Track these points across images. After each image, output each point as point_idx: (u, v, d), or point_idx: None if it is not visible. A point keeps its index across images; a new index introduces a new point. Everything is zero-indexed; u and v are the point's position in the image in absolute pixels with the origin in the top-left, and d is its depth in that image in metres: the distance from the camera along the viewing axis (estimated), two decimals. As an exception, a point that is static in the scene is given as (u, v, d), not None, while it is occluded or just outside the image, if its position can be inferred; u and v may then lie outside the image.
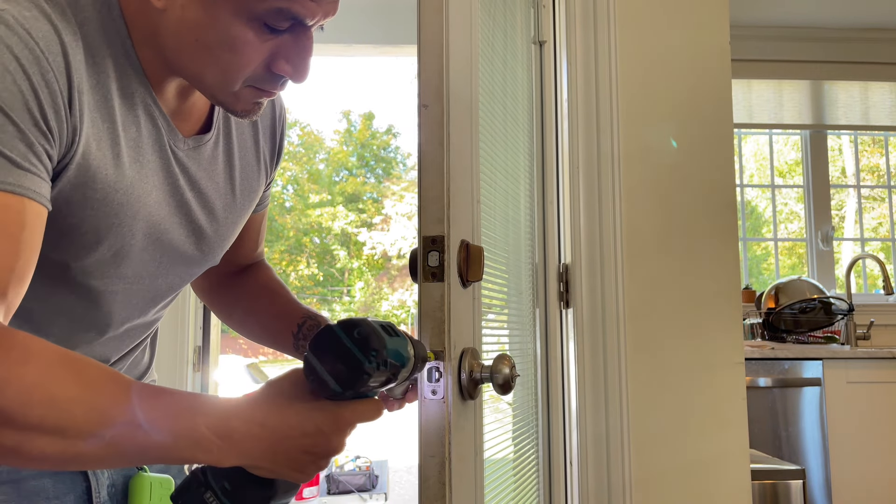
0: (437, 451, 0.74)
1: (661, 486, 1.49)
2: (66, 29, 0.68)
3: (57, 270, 0.75)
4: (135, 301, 0.85)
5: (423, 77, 0.79)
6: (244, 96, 0.76)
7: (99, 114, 0.71)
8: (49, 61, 0.65)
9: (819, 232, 3.80)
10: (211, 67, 0.74)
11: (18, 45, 0.63)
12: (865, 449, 2.75)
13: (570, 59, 1.60)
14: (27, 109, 0.63)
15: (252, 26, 0.71)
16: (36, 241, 0.65)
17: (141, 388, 0.62)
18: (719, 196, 1.57)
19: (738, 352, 1.53)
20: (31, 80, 0.64)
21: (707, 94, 1.59)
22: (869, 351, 2.89)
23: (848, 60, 3.59)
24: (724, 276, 1.55)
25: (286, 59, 0.74)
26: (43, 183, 0.65)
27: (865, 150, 4.64)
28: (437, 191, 0.78)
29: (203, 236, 0.87)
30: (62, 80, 0.67)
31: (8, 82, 0.62)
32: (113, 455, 0.60)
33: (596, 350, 1.52)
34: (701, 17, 1.61)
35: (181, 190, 0.82)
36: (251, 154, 0.93)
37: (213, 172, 0.86)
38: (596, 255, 1.54)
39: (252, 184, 0.93)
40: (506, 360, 0.83)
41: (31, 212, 0.63)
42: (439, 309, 0.76)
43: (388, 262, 21.99)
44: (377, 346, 0.62)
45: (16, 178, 0.62)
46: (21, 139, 0.63)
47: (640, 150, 1.57)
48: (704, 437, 1.50)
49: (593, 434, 1.50)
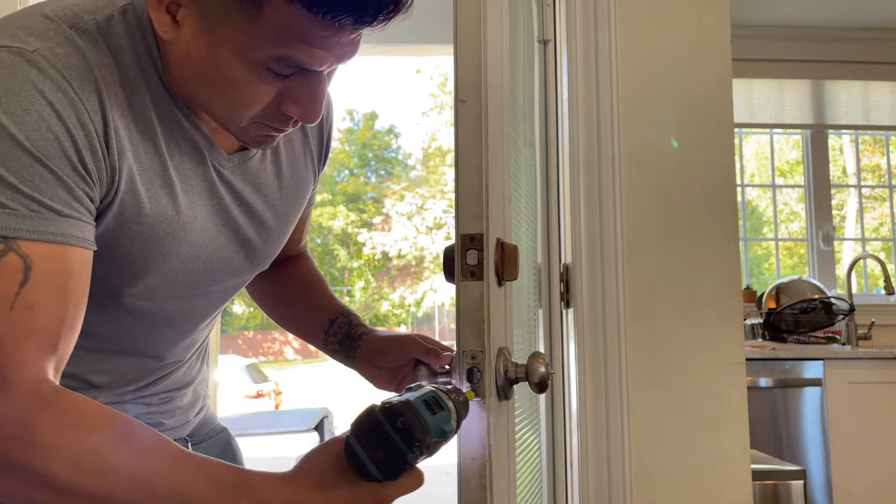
0: (478, 454, 0.72)
1: (661, 486, 1.49)
2: (99, 62, 0.67)
3: (110, 297, 0.75)
4: (187, 318, 0.86)
5: (461, 72, 0.77)
6: (253, 130, 0.74)
7: (139, 146, 0.70)
8: (83, 102, 0.64)
9: (820, 232, 3.79)
10: (217, 102, 0.72)
11: (52, 90, 0.62)
12: (866, 449, 2.75)
13: (571, 58, 1.60)
14: (65, 156, 0.62)
15: (255, 70, 0.68)
16: (83, 286, 0.65)
17: (188, 460, 0.61)
18: (720, 196, 1.56)
19: (738, 352, 1.52)
20: (66, 124, 0.63)
21: (708, 93, 1.59)
22: (870, 351, 2.89)
23: (849, 60, 3.59)
24: (725, 276, 1.54)
25: (294, 101, 0.71)
26: (86, 226, 0.65)
27: (866, 150, 4.64)
28: (475, 188, 0.75)
29: (253, 249, 0.87)
30: (97, 120, 0.65)
31: (44, 130, 0.61)
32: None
33: (596, 350, 1.52)
34: (702, 17, 1.60)
35: (227, 208, 0.81)
36: (300, 159, 0.91)
37: (260, 186, 0.85)
38: (596, 255, 1.54)
39: (301, 189, 0.92)
40: (541, 359, 0.81)
41: (75, 258, 0.63)
42: (478, 308, 0.74)
43: (388, 262, 21.99)
44: (420, 436, 0.61)
45: (58, 227, 0.61)
46: (61, 186, 0.62)
47: (640, 149, 1.57)
48: (705, 438, 1.50)
49: (593, 434, 1.50)
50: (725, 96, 1.59)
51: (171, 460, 0.60)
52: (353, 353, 1.01)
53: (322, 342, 1.04)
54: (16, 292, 0.58)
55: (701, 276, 1.54)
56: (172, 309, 0.83)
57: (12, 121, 0.60)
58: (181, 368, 0.93)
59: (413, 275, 22.12)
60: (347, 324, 1.03)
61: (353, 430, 0.62)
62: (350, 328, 1.02)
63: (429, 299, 21.63)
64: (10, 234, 0.59)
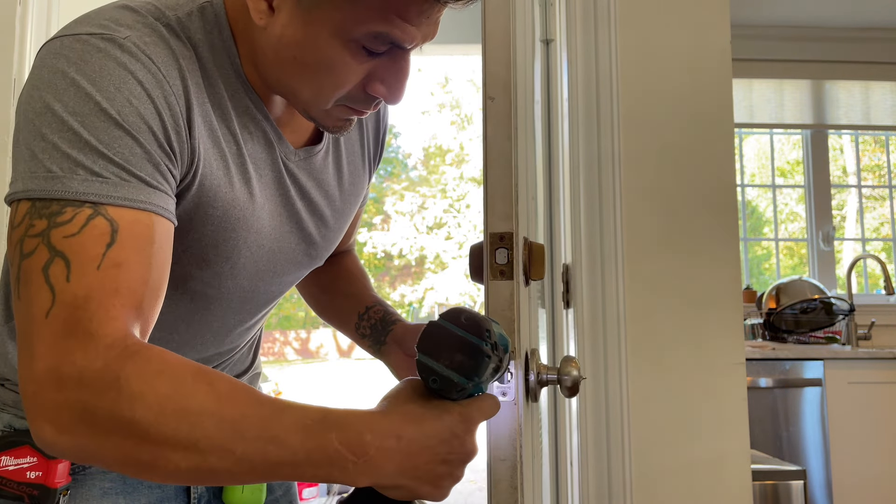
0: (509, 455, 0.72)
1: (661, 486, 1.49)
2: (182, 52, 0.72)
3: (178, 281, 0.77)
4: (247, 307, 0.88)
5: (490, 68, 0.76)
6: (335, 113, 0.77)
7: (216, 133, 0.74)
8: (170, 84, 0.69)
9: (820, 232, 3.79)
10: (307, 85, 0.74)
11: (142, 71, 0.67)
12: (866, 449, 2.75)
13: (571, 58, 1.60)
14: (152, 132, 0.66)
15: (350, 48, 0.71)
16: (166, 255, 0.67)
17: (272, 402, 0.60)
18: (720, 196, 1.56)
19: (738, 352, 1.52)
20: (155, 103, 0.67)
21: (708, 93, 1.59)
22: (870, 351, 2.89)
23: (849, 60, 3.59)
24: (725, 276, 1.54)
25: (381, 80, 0.74)
26: (170, 200, 0.68)
27: (867, 150, 4.63)
28: (504, 186, 0.75)
29: (313, 243, 0.90)
30: (181, 103, 0.70)
31: (134, 107, 0.65)
32: (245, 471, 0.58)
33: (596, 350, 1.52)
34: (702, 17, 1.60)
35: (292, 200, 0.84)
36: (358, 158, 0.95)
37: (322, 182, 0.88)
38: (596, 256, 1.54)
39: (357, 188, 0.96)
40: (573, 363, 0.81)
41: (159, 226, 0.66)
42: (508, 308, 0.73)
43: (388, 262, 21.97)
44: (487, 326, 0.60)
45: (146, 196, 0.65)
46: (148, 160, 0.66)
47: (640, 149, 1.57)
48: (705, 438, 1.50)
49: (593, 434, 1.50)
50: (725, 96, 1.59)
51: (257, 403, 0.59)
52: (383, 338, 1.04)
53: (354, 327, 1.06)
54: (103, 252, 0.61)
55: (701, 276, 1.54)
56: (236, 297, 0.85)
57: (105, 97, 0.64)
58: (235, 355, 0.96)
59: (414, 274, 22.12)
60: (384, 311, 1.06)
61: (422, 348, 0.61)
62: (385, 315, 1.06)
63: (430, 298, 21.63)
64: (100, 199, 0.62)
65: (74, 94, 0.64)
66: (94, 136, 0.63)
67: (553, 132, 1.65)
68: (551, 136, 1.65)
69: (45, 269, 0.60)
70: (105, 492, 0.81)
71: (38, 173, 0.62)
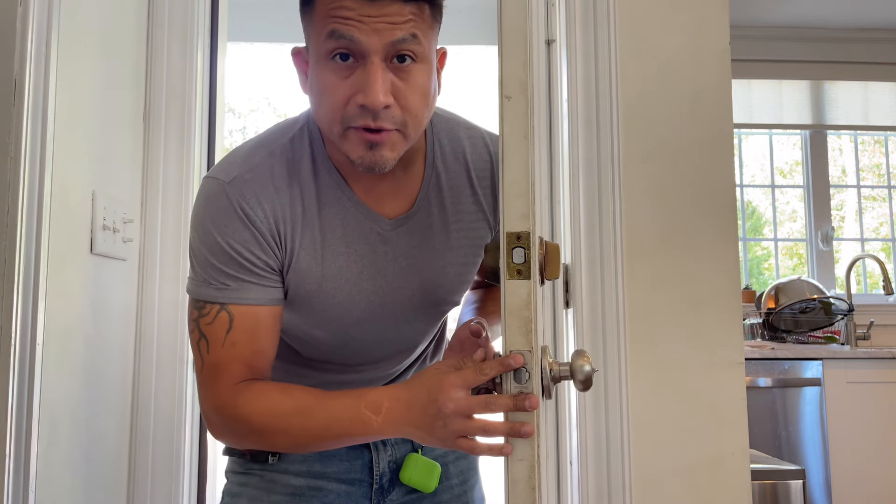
0: (527, 455, 0.73)
1: (661, 486, 1.49)
2: (280, 174, 0.96)
3: (306, 336, 1.07)
4: (385, 345, 1.10)
5: (507, 67, 0.77)
6: (351, 139, 0.89)
7: (307, 230, 0.97)
8: (264, 211, 0.94)
9: (819, 232, 3.80)
10: (322, 117, 0.91)
11: (242, 207, 0.94)
12: (865, 449, 2.75)
13: (570, 58, 1.60)
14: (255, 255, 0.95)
15: (327, 65, 0.86)
16: (272, 331, 0.97)
17: (324, 393, 0.90)
18: (719, 196, 1.56)
19: (738, 352, 1.52)
20: (256, 238, 0.95)
21: (707, 94, 1.59)
22: (869, 351, 2.89)
23: (848, 60, 3.59)
24: (725, 276, 1.54)
25: (360, 89, 0.85)
26: (272, 290, 0.96)
27: (866, 150, 4.64)
28: (521, 186, 0.75)
29: (428, 290, 1.06)
30: (271, 223, 0.95)
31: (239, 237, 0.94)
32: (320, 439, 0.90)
33: (596, 350, 1.52)
34: (701, 17, 1.60)
35: (390, 262, 1.02)
36: (471, 214, 1.07)
37: (425, 241, 1.03)
38: (596, 256, 1.54)
39: (475, 240, 1.08)
40: (584, 357, 0.80)
41: (262, 312, 0.95)
42: (525, 307, 0.74)
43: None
44: None
45: (254, 294, 0.95)
46: (253, 267, 0.95)
47: (640, 150, 1.57)
48: (704, 437, 1.50)
49: (593, 434, 1.50)
50: (725, 97, 1.59)
51: (315, 396, 0.90)
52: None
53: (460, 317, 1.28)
54: (224, 335, 0.94)
55: (700, 276, 1.54)
56: (367, 339, 1.08)
57: (218, 232, 0.94)
58: (410, 371, 1.18)
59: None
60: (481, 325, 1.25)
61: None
62: None
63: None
64: (225, 301, 0.94)
65: (211, 240, 0.94)
66: (221, 263, 0.94)
67: (553, 132, 1.65)
68: (552, 136, 1.65)
69: (198, 344, 0.95)
70: (305, 457, 1.11)
71: (195, 280, 0.96)
